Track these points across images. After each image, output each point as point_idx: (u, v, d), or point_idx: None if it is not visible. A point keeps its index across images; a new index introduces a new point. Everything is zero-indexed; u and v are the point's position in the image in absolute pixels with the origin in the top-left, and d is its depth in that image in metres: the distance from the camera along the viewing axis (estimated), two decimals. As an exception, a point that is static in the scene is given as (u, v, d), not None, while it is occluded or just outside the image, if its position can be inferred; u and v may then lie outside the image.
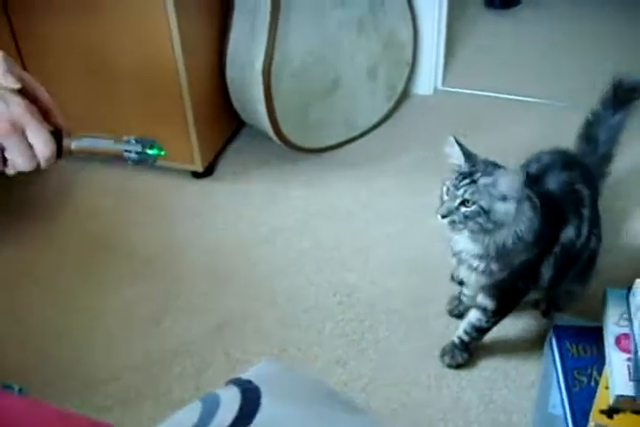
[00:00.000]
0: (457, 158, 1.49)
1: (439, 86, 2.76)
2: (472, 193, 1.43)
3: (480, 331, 1.73)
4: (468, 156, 1.48)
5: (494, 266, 1.54)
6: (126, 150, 0.98)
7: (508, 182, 1.41)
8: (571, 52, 2.92)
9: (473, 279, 1.60)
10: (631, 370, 1.47)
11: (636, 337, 1.48)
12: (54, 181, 2.35)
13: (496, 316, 1.69)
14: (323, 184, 2.31)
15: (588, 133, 1.86)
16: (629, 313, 1.56)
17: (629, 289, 1.60)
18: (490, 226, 1.45)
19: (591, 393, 1.51)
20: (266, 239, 2.13)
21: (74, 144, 0.95)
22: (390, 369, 1.77)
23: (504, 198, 1.43)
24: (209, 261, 2.06)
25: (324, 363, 1.78)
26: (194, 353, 1.81)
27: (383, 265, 2.04)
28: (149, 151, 0.98)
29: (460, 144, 1.49)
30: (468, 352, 1.77)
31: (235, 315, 1.91)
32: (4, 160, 0.91)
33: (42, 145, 0.91)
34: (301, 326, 1.87)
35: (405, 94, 2.63)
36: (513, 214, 1.45)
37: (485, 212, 1.43)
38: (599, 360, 1.56)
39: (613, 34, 3.01)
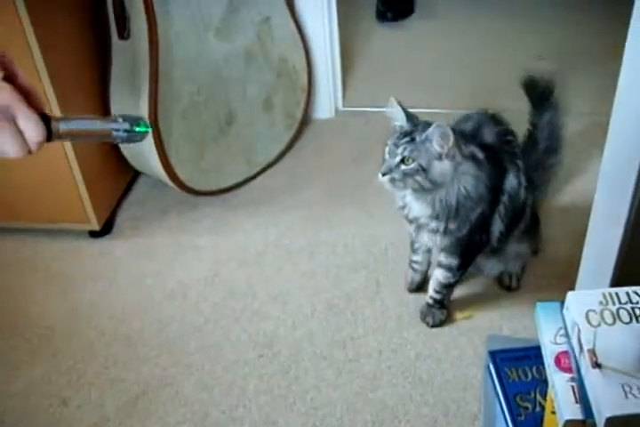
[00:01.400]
0: (399, 120, 1.57)
1: (340, 107, 2.70)
2: (411, 151, 1.51)
3: (448, 286, 1.83)
4: (409, 116, 1.57)
5: (452, 225, 1.63)
6: (115, 129, 0.95)
7: (440, 136, 1.49)
8: (470, 58, 2.89)
9: (437, 241, 1.69)
10: (576, 391, 1.38)
11: (576, 355, 1.40)
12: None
13: (460, 270, 1.78)
14: (229, 228, 2.21)
15: (530, 134, 2.00)
16: (565, 329, 1.49)
17: (562, 303, 1.53)
18: (428, 184, 1.54)
19: (538, 420, 1.42)
20: (176, 295, 2.02)
21: (62, 126, 0.92)
22: (323, 421, 1.67)
23: (439, 157, 1.51)
24: (117, 326, 1.94)
25: (251, 424, 1.67)
26: (109, 433, 1.68)
27: (302, 307, 1.94)
28: (137, 129, 0.96)
29: (401, 105, 1.56)
30: (445, 308, 1.86)
31: (150, 383, 1.78)
32: None
33: (33, 131, 0.88)
34: (223, 387, 1.76)
35: (306, 121, 2.56)
36: (450, 174, 1.54)
37: (424, 169, 1.51)
38: (541, 383, 1.48)
39: (511, 36, 2.99)
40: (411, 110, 2.56)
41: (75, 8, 2.01)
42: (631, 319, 1.31)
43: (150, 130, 0.96)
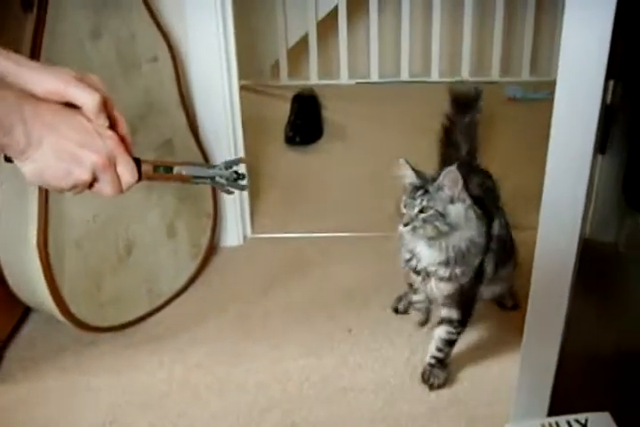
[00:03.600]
0: (409, 177, 1.78)
1: (249, 234, 2.61)
2: (428, 200, 1.71)
3: (451, 343, 1.94)
4: (418, 173, 1.78)
5: (458, 270, 1.79)
6: (195, 177, 1.09)
7: (450, 180, 1.69)
8: (379, 180, 2.85)
9: (442, 289, 1.84)
10: None
11: None
12: None
13: (461, 325, 1.92)
14: (130, 367, 2.05)
15: (449, 138, 2.14)
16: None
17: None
18: (446, 228, 1.71)
19: None
20: (67, 446, 1.82)
21: (176, 170, 1.08)
22: None
23: (452, 201, 1.71)
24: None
25: None
26: None
27: (211, 455, 1.77)
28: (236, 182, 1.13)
29: (410, 164, 1.78)
30: (446, 367, 1.95)
31: None
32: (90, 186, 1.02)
33: (129, 176, 1.02)
34: None
35: (212, 249, 2.46)
36: (463, 217, 1.73)
37: (441, 215, 1.70)
38: None
39: (425, 153, 2.99)
40: (322, 235, 2.55)
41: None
42: (576, 455, 1.22)
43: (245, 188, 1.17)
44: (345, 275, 2.38)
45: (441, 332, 1.92)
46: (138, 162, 1.04)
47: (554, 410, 1.54)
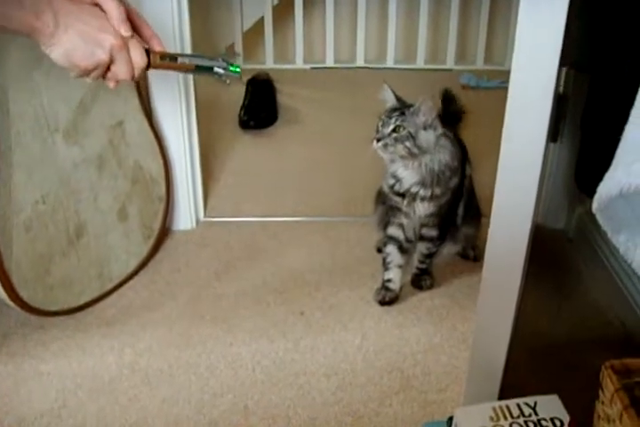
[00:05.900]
0: (390, 101, 1.98)
1: (201, 218, 2.59)
2: (402, 121, 1.89)
3: (431, 256, 2.18)
4: (398, 98, 1.98)
5: (437, 191, 1.97)
6: (197, 66, 1.26)
7: (426, 107, 1.88)
8: (333, 164, 2.87)
9: (425, 207, 2.02)
10: None
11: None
12: None
13: (439, 241, 2.14)
14: (79, 351, 2.01)
15: None
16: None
17: (450, 420, 1.44)
18: (415, 150, 1.89)
19: None
20: (14, 433, 1.79)
21: (180, 60, 1.26)
22: None
23: (425, 127, 1.88)
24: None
25: None
26: None
27: (161, 441, 1.75)
28: (231, 69, 1.26)
29: (392, 89, 1.97)
30: (431, 275, 2.23)
31: None
32: (106, 72, 1.22)
33: (139, 58, 1.23)
34: None
35: (164, 232, 2.43)
36: (433, 143, 1.90)
37: (412, 136, 1.87)
38: None
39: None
40: (275, 219, 2.54)
41: None
42: (526, 437, 1.23)
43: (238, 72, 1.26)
44: (298, 259, 2.37)
45: (422, 248, 2.15)
46: (147, 52, 1.22)
47: (504, 394, 1.55)
